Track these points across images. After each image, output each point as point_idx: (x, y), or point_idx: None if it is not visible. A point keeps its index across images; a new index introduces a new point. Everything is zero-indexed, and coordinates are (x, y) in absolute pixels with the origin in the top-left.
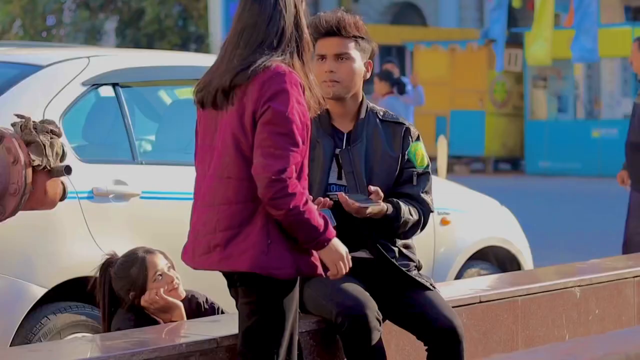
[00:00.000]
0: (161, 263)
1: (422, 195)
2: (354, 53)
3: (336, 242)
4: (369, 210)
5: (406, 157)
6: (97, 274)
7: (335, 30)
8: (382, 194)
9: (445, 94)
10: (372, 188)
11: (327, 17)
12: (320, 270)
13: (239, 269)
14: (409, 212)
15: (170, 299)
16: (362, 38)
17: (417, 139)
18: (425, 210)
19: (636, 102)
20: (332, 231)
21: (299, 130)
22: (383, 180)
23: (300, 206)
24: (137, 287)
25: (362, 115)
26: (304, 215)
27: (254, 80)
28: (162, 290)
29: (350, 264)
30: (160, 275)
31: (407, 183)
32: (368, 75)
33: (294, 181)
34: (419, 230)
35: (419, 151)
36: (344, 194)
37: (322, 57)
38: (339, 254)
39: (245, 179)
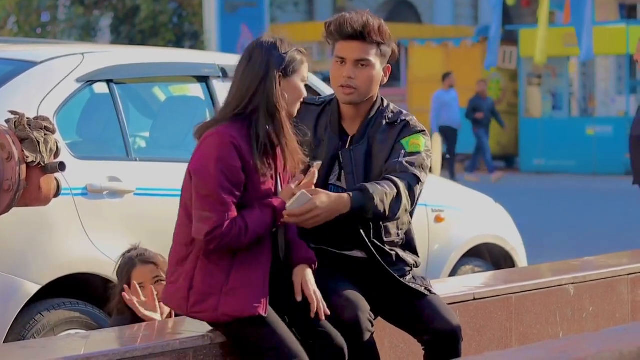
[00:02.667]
0: (147, 276)
1: (404, 162)
2: (374, 59)
3: (285, 197)
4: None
5: (398, 144)
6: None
7: (359, 35)
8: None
9: None
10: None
11: (352, 20)
12: (255, 311)
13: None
14: (379, 187)
15: (146, 312)
16: (384, 43)
17: (419, 132)
18: (402, 177)
19: None
20: (280, 209)
21: (225, 190)
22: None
23: (244, 242)
24: (118, 292)
25: (370, 117)
26: (254, 237)
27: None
28: (135, 300)
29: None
30: (142, 287)
31: (393, 165)
32: (385, 80)
33: (225, 234)
34: (404, 202)
35: (414, 140)
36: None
37: (342, 60)
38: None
39: (182, 224)
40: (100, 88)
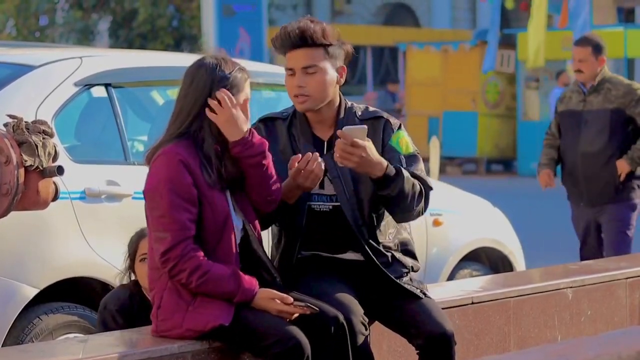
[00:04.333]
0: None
1: (417, 173)
2: (323, 63)
3: (261, 296)
4: (367, 143)
5: (389, 147)
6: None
7: (300, 42)
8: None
9: (438, 94)
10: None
11: (290, 28)
12: (216, 322)
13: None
14: (412, 177)
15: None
16: (331, 45)
17: (399, 128)
18: (424, 186)
19: (581, 110)
20: (246, 291)
21: (177, 208)
22: (370, 181)
23: (193, 281)
24: (126, 263)
25: (340, 118)
26: (203, 287)
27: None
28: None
29: (292, 309)
30: (145, 258)
31: None
32: (342, 81)
33: (184, 258)
34: (422, 204)
35: (402, 139)
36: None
37: (291, 70)
38: (270, 306)
39: (152, 247)
40: (99, 92)
